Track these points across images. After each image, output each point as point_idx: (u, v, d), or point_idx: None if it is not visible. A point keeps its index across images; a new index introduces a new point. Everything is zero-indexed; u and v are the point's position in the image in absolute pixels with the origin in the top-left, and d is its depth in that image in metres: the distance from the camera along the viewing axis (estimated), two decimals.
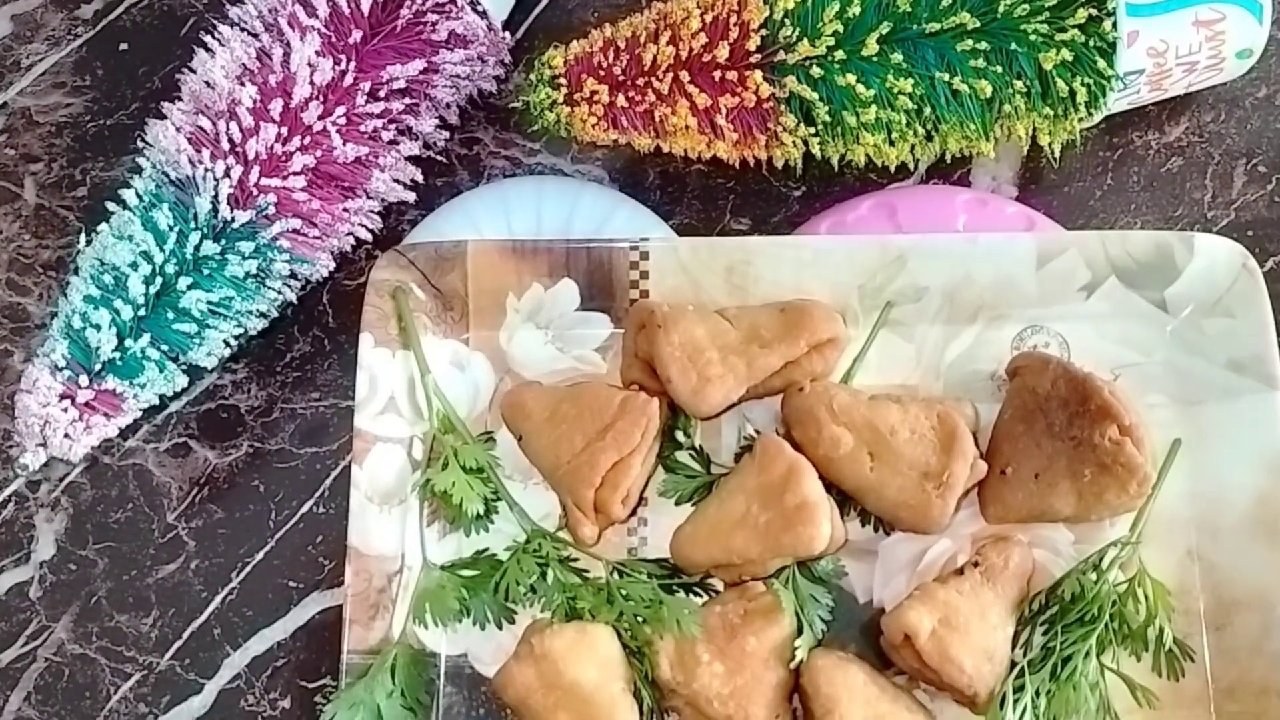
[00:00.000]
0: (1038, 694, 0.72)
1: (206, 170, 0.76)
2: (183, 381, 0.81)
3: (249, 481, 0.87)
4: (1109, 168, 0.92)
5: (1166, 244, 0.79)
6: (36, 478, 0.87)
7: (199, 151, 0.77)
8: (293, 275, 0.82)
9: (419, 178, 0.86)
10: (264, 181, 0.77)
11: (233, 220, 0.77)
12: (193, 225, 0.77)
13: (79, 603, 0.85)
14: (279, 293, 0.82)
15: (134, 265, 0.76)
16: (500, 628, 0.77)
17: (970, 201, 0.85)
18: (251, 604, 0.84)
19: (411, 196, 0.86)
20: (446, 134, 0.88)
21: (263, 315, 0.83)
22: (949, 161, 0.88)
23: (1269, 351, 0.77)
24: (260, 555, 0.85)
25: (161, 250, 0.76)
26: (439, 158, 0.90)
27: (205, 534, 0.86)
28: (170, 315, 0.77)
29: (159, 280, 0.76)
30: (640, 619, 0.74)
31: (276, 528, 0.86)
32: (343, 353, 0.88)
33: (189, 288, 0.76)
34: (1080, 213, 0.90)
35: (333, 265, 0.85)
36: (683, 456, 0.80)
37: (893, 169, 0.86)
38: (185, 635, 0.84)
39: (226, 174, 0.76)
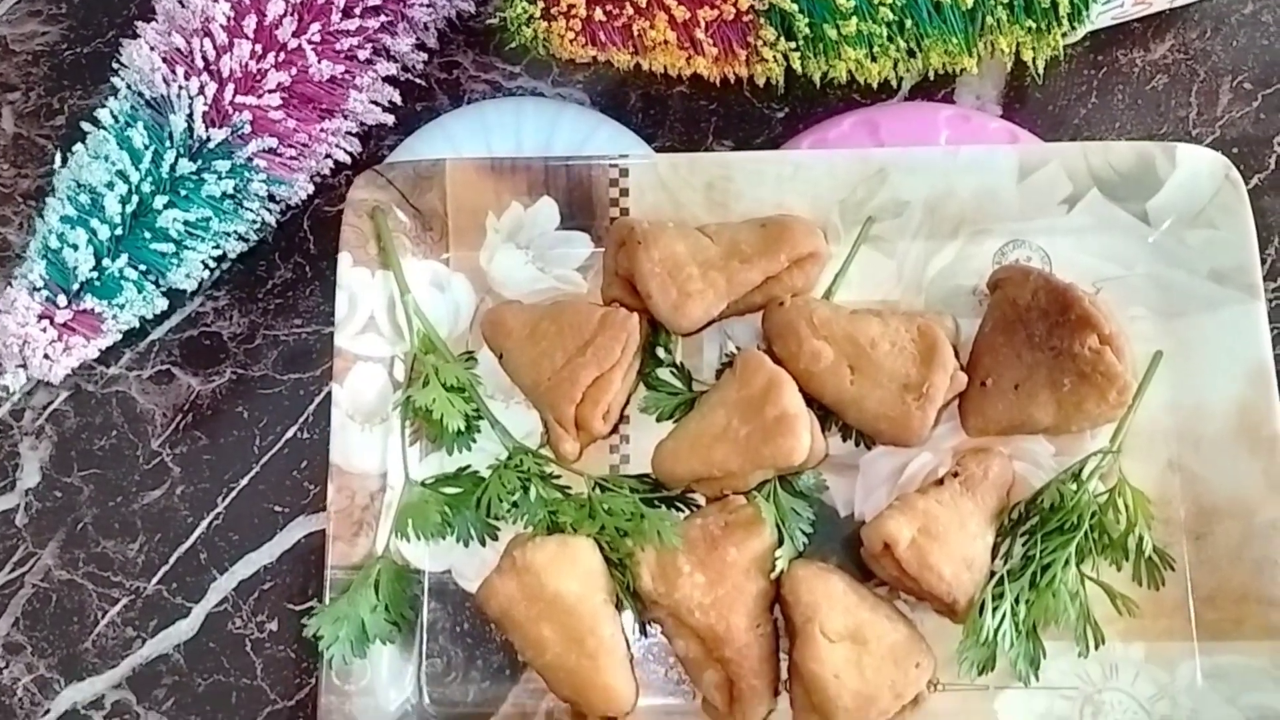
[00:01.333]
0: (1017, 601, 0.72)
1: (181, 88, 0.76)
2: (162, 304, 0.81)
3: (233, 408, 0.87)
4: (1094, 85, 0.91)
5: (1149, 155, 0.79)
6: (20, 406, 0.87)
7: (173, 70, 0.76)
8: (271, 197, 0.82)
9: (397, 99, 0.85)
10: (239, 99, 0.77)
11: (208, 139, 0.77)
12: (168, 144, 0.76)
13: (65, 529, 0.85)
14: (257, 215, 0.81)
15: (110, 185, 0.76)
16: (483, 544, 0.78)
17: (953, 117, 0.85)
18: (237, 529, 0.85)
19: (390, 119, 0.86)
20: (425, 56, 0.87)
21: (241, 238, 0.82)
22: (932, 80, 0.88)
23: (1251, 261, 0.77)
24: (245, 480, 0.86)
25: (137, 169, 0.76)
26: (419, 81, 0.89)
27: (190, 460, 0.86)
28: (147, 235, 0.76)
29: (135, 200, 0.76)
30: (622, 532, 0.74)
31: (261, 453, 0.86)
32: (324, 279, 0.87)
33: (165, 207, 0.76)
34: (1064, 131, 0.90)
35: (311, 189, 0.84)
36: (664, 373, 0.80)
37: (875, 86, 0.85)
38: (172, 560, 0.84)
39: (201, 91, 0.75)
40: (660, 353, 0.80)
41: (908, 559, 0.71)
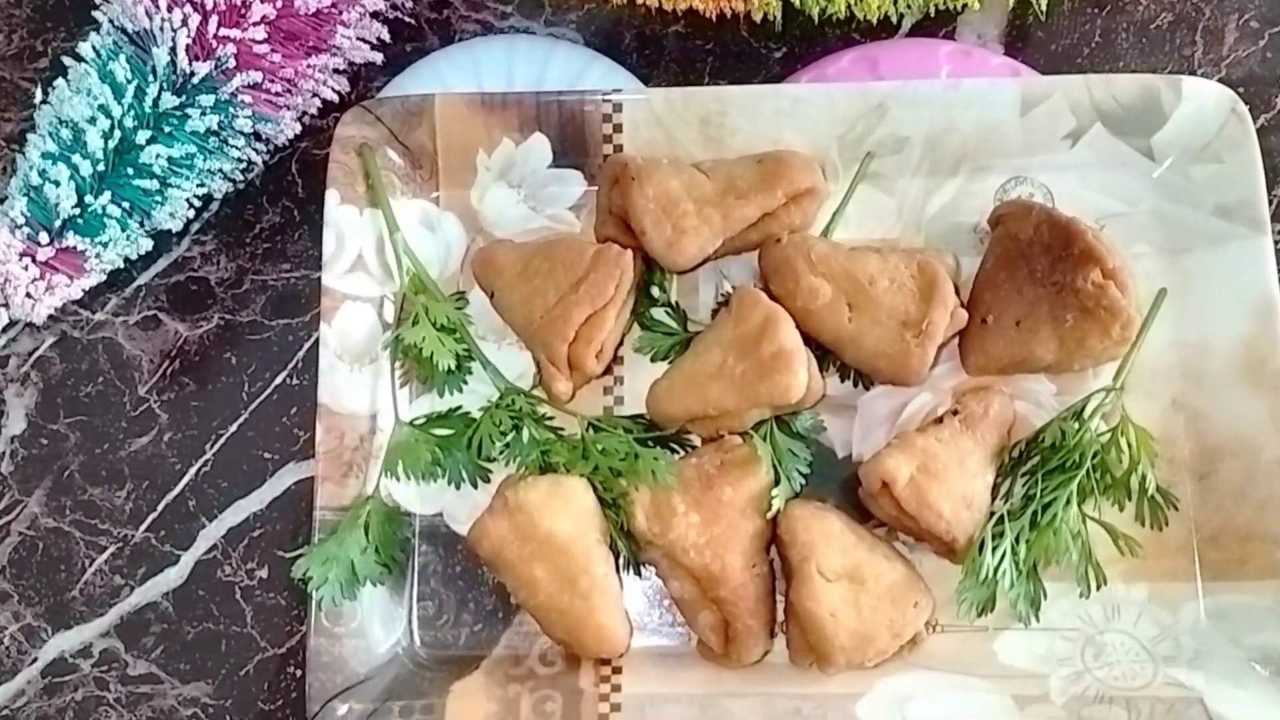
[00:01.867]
0: (1017, 541, 0.71)
1: (164, 20, 0.74)
2: (147, 245, 0.79)
3: (221, 354, 0.85)
4: (1096, 24, 0.89)
5: (1154, 88, 0.77)
6: (5, 353, 0.85)
7: (156, 3, 0.74)
8: (257, 136, 0.80)
9: (385, 36, 0.83)
10: (223, 32, 0.75)
11: (192, 73, 0.75)
12: (151, 78, 0.75)
13: (51, 477, 0.84)
14: (243, 153, 0.80)
15: (92, 120, 0.74)
16: (475, 486, 0.76)
17: (954, 53, 0.83)
18: (226, 476, 0.83)
19: (379, 57, 0.84)
20: None
21: (227, 177, 0.81)
22: (933, 16, 0.86)
23: (1257, 195, 0.75)
24: (234, 427, 0.84)
25: (120, 104, 0.74)
26: (408, 20, 0.88)
27: (177, 407, 0.85)
28: (130, 172, 0.75)
29: (118, 135, 0.74)
30: (615, 472, 0.73)
31: (250, 400, 0.84)
32: (313, 223, 0.86)
33: (148, 142, 0.74)
34: (1067, 69, 0.88)
35: (298, 129, 0.83)
36: (658, 313, 0.78)
37: (875, 22, 0.83)
38: (160, 508, 0.83)
39: (184, 24, 0.74)
40: (655, 291, 0.78)
41: (906, 497, 0.70)
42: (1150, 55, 0.89)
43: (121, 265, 0.80)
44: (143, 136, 0.74)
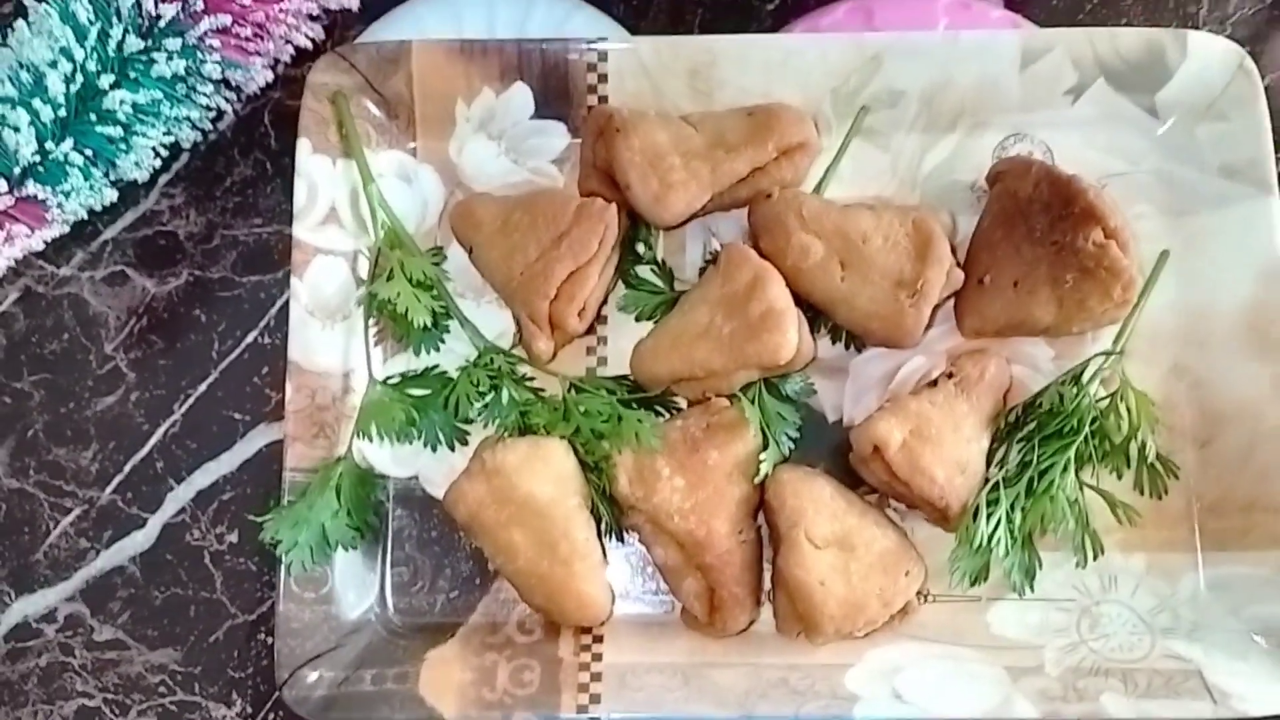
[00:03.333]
0: (1012, 509, 0.69)
1: None
2: (111, 195, 0.76)
3: (190, 311, 0.82)
4: None
5: (1158, 43, 0.74)
6: None
7: None
8: (226, 83, 0.77)
9: None
10: None
11: (158, 16, 0.72)
12: (115, 20, 0.71)
13: (14, 436, 0.81)
14: (211, 100, 0.76)
15: (53, 64, 0.71)
16: (452, 449, 0.74)
17: (952, 5, 0.80)
18: (195, 437, 0.81)
19: (355, 3, 0.81)
20: None
21: (195, 125, 0.78)
22: None
23: (1264, 155, 0.73)
24: (203, 387, 0.81)
25: (82, 47, 0.71)
26: None
27: (145, 365, 0.82)
28: (93, 118, 0.72)
29: (80, 79, 0.71)
30: (598, 435, 0.70)
31: (220, 358, 0.82)
32: (286, 176, 0.82)
33: (112, 87, 0.71)
34: (1068, 25, 0.84)
35: (270, 77, 0.80)
36: (644, 271, 0.76)
37: None
38: (126, 469, 0.80)
39: None
40: (640, 248, 0.75)
41: (898, 462, 0.67)
42: (1154, 13, 0.86)
43: (86, 218, 0.77)
44: (106, 81, 0.71)
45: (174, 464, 0.80)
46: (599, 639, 0.72)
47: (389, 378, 0.74)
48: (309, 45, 0.79)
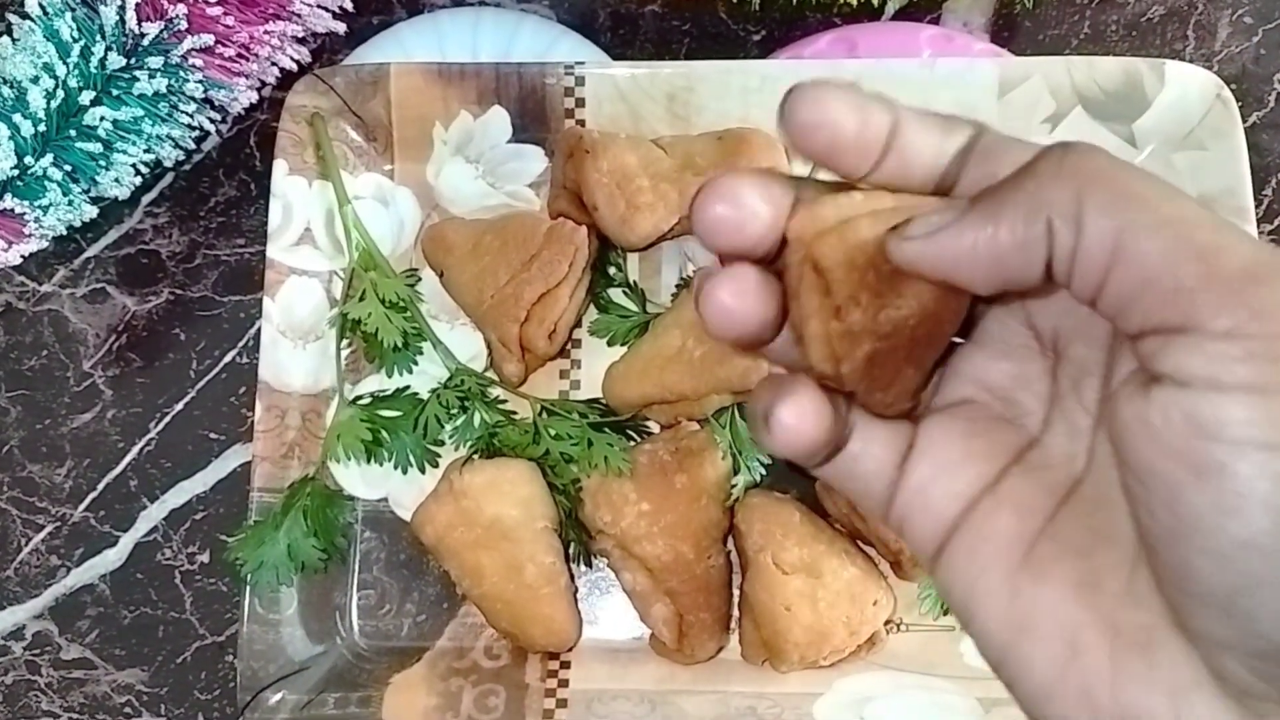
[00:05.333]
0: None
1: None
2: (91, 211, 0.76)
3: (169, 329, 0.82)
4: (1085, 15, 0.87)
5: (1136, 72, 0.74)
6: None
7: None
8: (210, 103, 0.77)
9: (348, 5, 0.80)
10: None
11: (142, 34, 0.72)
12: (99, 38, 0.72)
13: None
14: (194, 119, 0.77)
15: (35, 79, 0.71)
16: (423, 471, 0.73)
17: (936, 37, 0.80)
18: (170, 455, 0.81)
19: (341, 27, 0.81)
20: None
21: (178, 145, 0.78)
22: (917, 3, 0.83)
23: (1241, 185, 0.72)
24: (180, 406, 0.81)
25: (65, 63, 0.71)
26: None
27: (123, 383, 0.82)
28: (73, 134, 0.72)
29: (61, 95, 0.71)
30: (567, 458, 0.70)
31: (197, 377, 0.82)
32: (270, 197, 0.83)
33: (93, 103, 0.72)
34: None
35: (255, 97, 0.80)
36: (616, 295, 0.75)
37: (856, 6, 0.81)
38: (100, 487, 0.80)
39: None
40: (611, 271, 0.75)
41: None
42: (1140, 49, 0.86)
43: (65, 233, 0.77)
44: (87, 97, 0.71)
45: (148, 482, 0.80)
46: (566, 665, 0.71)
47: (359, 398, 0.73)
48: (294, 68, 0.80)
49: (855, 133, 0.32)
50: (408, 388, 0.74)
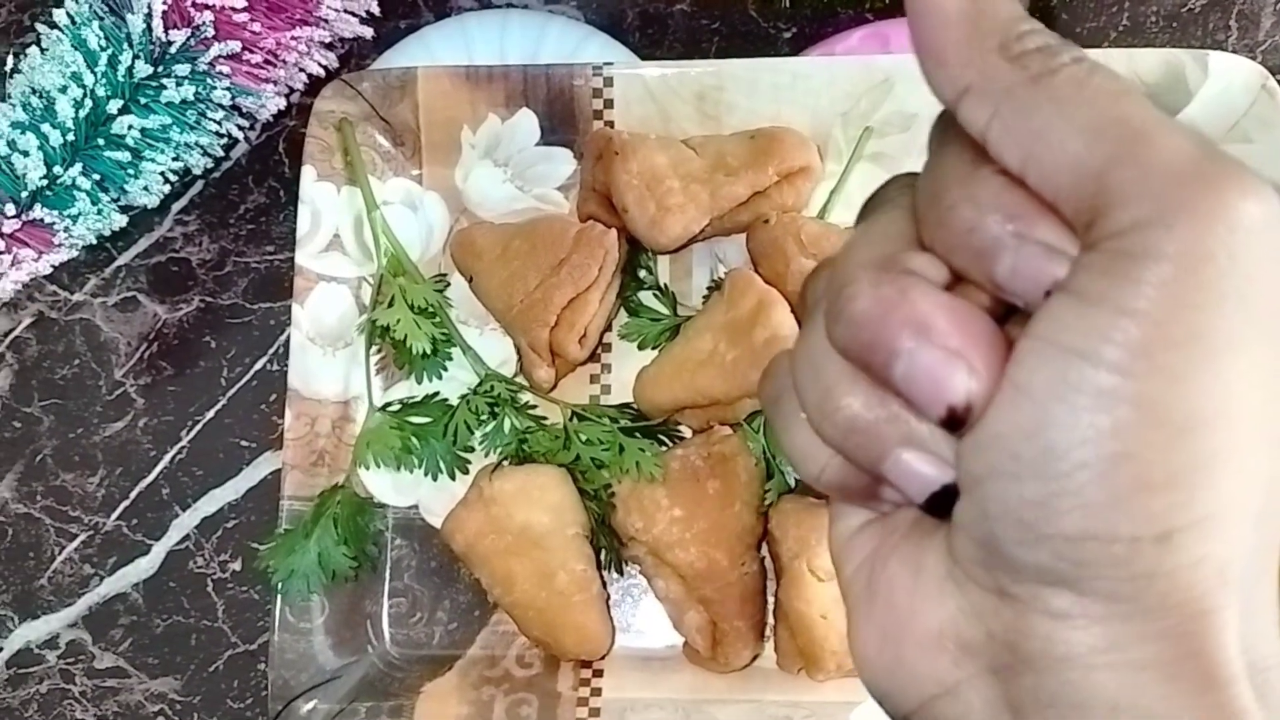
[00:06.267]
0: None
1: None
2: (120, 220, 0.76)
3: (200, 337, 0.82)
4: (1124, 6, 0.85)
5: (1178, 63, 0.72)
6: None
7: None
8: (238, 109, 0.77)
9: (375, 9, 0.80)
10: (200, 0, 0.72)
11: (169, 42, 0.72)
12: (125, 46, 0.72)
13: (23, 461, 0.81)
14: (222, 126, 0.77)
15: (64, 89, 0.71)
16: (453, 477, 0.73)
17: None
18: (202, 463, 0.80)
19: (368, 32, 0.81)
20: None
21: (205, 151, 0.78)
22: None
23: None
24: (211, 413, 0.81)
25: (92, 72, 0.71)
26: None
27: (154, 391, 0.82)
28: (101, 142, 0.72)
29: (89, 104, 0.71)
30: (598, 464, 0.69)
31: (228, 385, 0.81)
32: (298, 204, 0.83)
33: (121, 112, 0.71)
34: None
35: (283, 103, 0.80)
36: (647, 298, 0.74)
37: (889, 2, 0.79)
38: (133, 495, 0.80)
39: None
40: (642, 274, 0.74)
41: None
42: (1181, 40, 0.84)
43: (95, 242, 0.77)
44: (115, 106, 0.71)
45: (180, 491, 0.80)
46: (599, 673, 0.70)
47: (388, 404, 0.73)
48: (322, 73, 0.80)
49: None
50: (437, 394, 0.73)
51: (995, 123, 0.27)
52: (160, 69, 0.73)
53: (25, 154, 0.71)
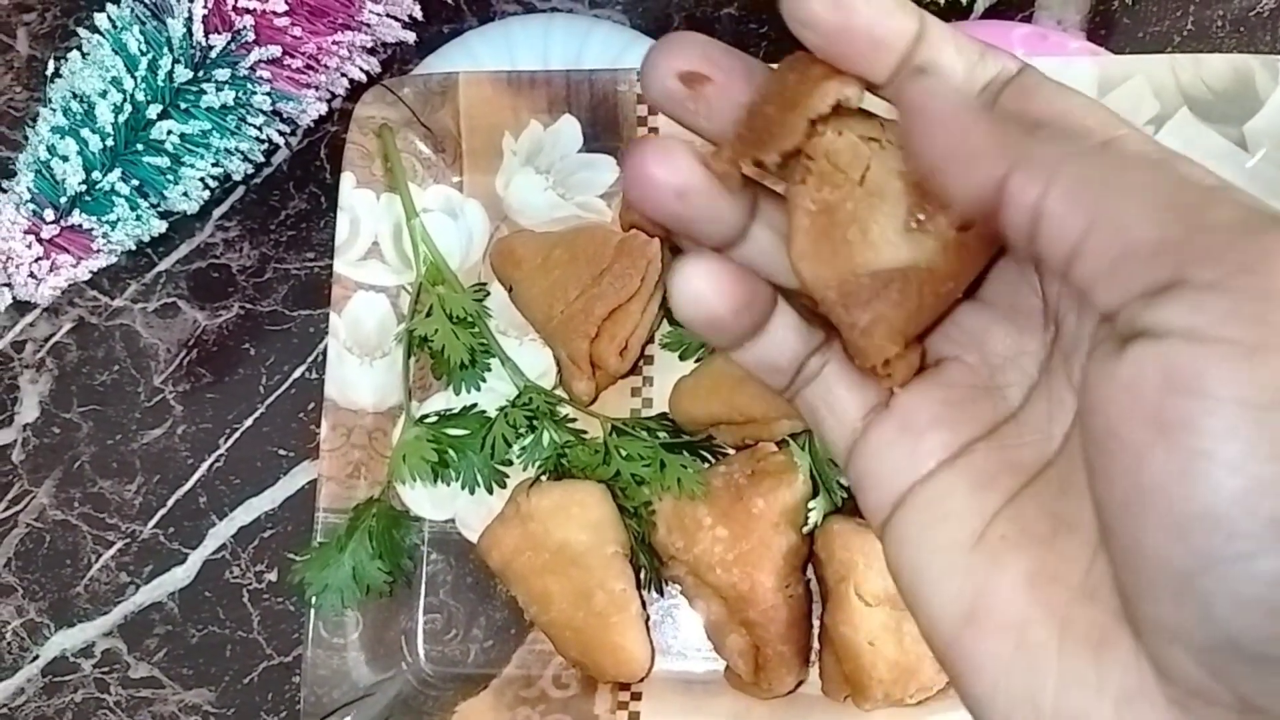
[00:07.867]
0: None
1: None
2: (160, 226, 0.76)
3: (239, 344, 0.81)
4: (1189, 10, 0.82)
5: (1247, 69, 0.69)
6: (22, 338, 0.83)
7: None
8: (279, 115, 0.76)
9: (418, 14, 0.79)
10: (242, 4, 0.71)
11: (210, 46, 0.71)
12: (165, 50, 0.71)
13: (62, 467, 0.81)
14: (262, 132, 0.76)
15: (103, 93, 0.71)
16: (490, 491, 0.71)
17: (1030, 35, 0.76)
18: (239, 472, 0.79)
19: (411, 36, 0.79)
20: None
21: (245, 157, 0.77)
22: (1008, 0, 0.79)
23: None
24: (249, 422, 0.80)
25: (132, 77, 0.71)
26: None
27: (193, 398, 0.81)
28: (141, 148, 0.71)
29: (129, 109, 0.71)
30: (638, 480, 0.67)
31: (267, 393, 0.80)
32: (337, 211, 0.82)
33: (160, 117, 0.71)
34: None
35: (324, 108, 0.79)
36: None
37: (944, 5, 0.77)
38: (170, 503, 0.80)
39: None
40: None
41: None
42: (1249, 45, 0.81)
43: (134, 248, 0.77)
44: (154, 111, 0.71)
45: (217, 499, 0.79)
46: (637, 696, 0.68)
47: (425, 416, 0.71)
48: (364, 78, 0.78)
49: (869, 22, 0.29)
50: (475, 406, 0.72)
51: (1054, 191, 0.25)
52: (200, 74, 0.72)
53: (65, 159, 0.70)
